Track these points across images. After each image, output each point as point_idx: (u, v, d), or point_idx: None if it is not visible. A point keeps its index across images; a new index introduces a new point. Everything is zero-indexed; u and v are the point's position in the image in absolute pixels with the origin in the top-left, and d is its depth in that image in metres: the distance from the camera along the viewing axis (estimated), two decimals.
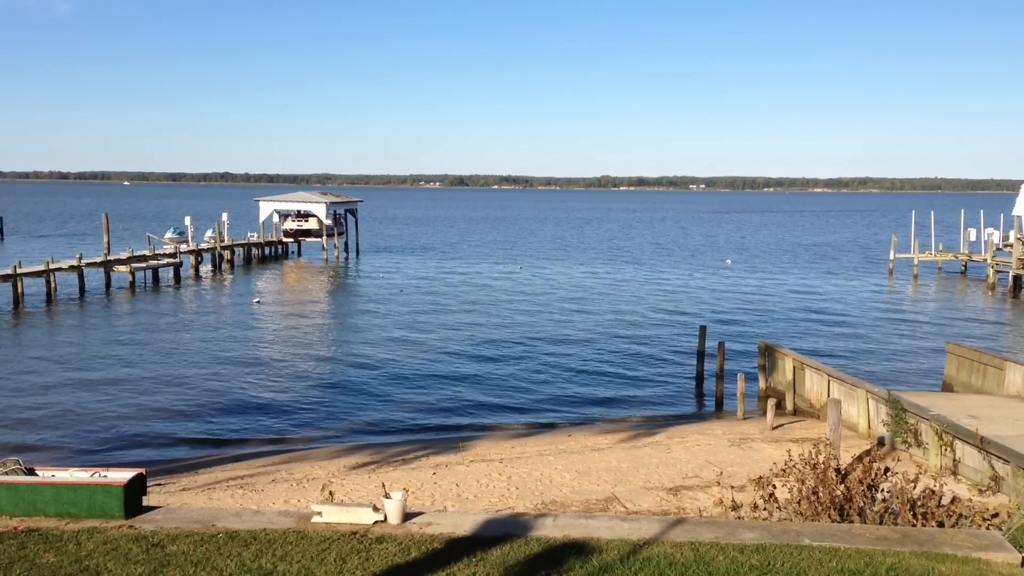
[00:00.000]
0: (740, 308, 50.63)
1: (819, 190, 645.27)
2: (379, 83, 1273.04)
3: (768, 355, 29.66)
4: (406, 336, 40.59)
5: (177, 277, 61.40)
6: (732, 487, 16.64)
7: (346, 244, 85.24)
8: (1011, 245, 61.54)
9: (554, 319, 45.98)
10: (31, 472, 9.31)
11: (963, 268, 69.78)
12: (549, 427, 26.43)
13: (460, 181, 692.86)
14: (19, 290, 47.69)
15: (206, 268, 68.63)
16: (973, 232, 71.91)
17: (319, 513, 9.05)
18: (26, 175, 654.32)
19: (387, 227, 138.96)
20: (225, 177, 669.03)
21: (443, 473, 20.41)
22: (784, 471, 12.61)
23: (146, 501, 9.43)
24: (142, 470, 9.48)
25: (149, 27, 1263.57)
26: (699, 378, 31.68)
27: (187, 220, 78.49)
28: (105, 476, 9.18)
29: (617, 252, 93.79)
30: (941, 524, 10.81)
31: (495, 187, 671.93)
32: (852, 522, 10.78)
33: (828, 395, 24.76)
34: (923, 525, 10.63)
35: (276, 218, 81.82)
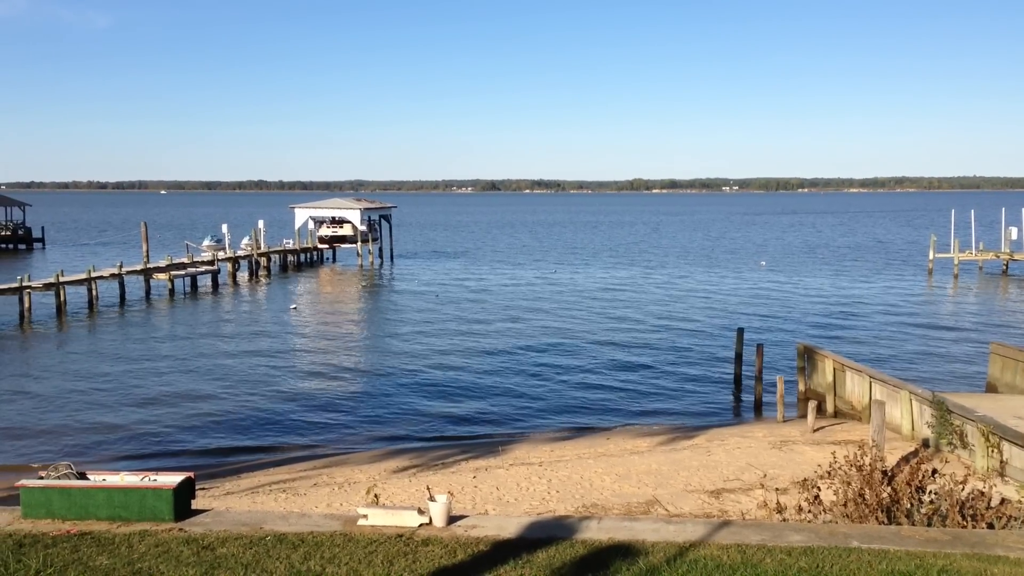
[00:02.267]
0: (777, 310, 50.22)
1: (855, 190, 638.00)
2: (411, 89, 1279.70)
3: (807, 357, 29.40)
4: (443, 340, 40.71)
5: (215, 284, 62.08)
6: (776, 490, 16.49)
7: (380, 250, 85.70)
8: None
9: (590, 322, 45.89)
10: (83, 476, 9.45)
11: (1004, 267, 68.70)
12: (587, 430, 26.36)
13: (492, 186, 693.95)
14: (62, 298, 48.47)
15: (243, 275, 69.33)
16: (1015, 231, 70.76)
17: (365, 516, 9.12)
18: (65, 185, 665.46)
19: (421, 232, 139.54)
20: (260, 185, 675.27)
21: (483, 476, 20.44)
22: (829, 473, 12.50)
23: (194, 505, 9.55)
24: (191, 474, 9.60)
25: (186, 39, 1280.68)
26: (737, 381, 31.45)
27: (224, 228, 79.36)
28: (155, 480, 9.32)
29: (651, 255, 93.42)
30: (991, 526, 10.67)
31: (527, 191, 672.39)
32: (900, 524, 10.67)
33: (870, 397, 24.48)
34: (973, 527, 10.50)
35: (311, 225, 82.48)
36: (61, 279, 49.07)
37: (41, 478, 9.33)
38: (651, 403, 29.68)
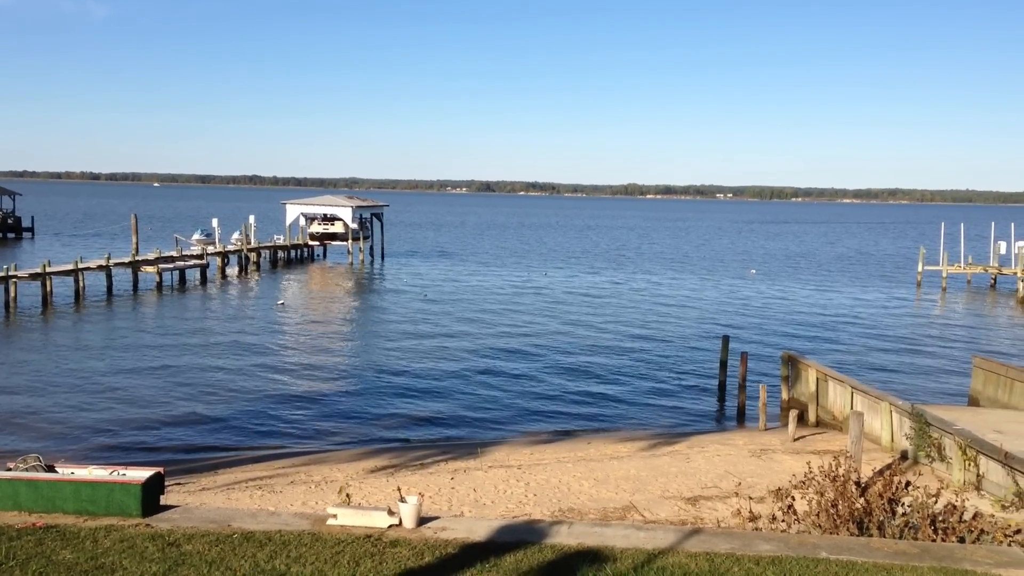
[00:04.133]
0: (764, 319, 50.32)
1: (848, 201, 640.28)
2: (407, 89, 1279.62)
3: (791, 366, 29.45)
4: (428, 341, 40.67)
5: (204, 278, 61.90)
6: (751, 498, 16.50)
7: (371, 248, 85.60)
8: None
9: (576, 326, 45.90)
10: (51, 469, 9.39)
11: (992, 281, 68.97)
12: (568, 434, 26.35)
13: (487, 187, 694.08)
14: (48, 289, 48.26)
15: (232, 270, 69.12)
16: (1003, 245, 71.07)
17: (334, 516, 9.08)
18: (58, 175, 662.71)
19: (412, 232, 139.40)
20: (253, 180, 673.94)
21: (461, 478, 20.41)
22: (804, 483, 12.52)
23: (164, 500, 9.49)
24: (160, 469, 9.54)
25: (182, 32, 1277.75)
26: (721, 388, 31.49)
27: (214, 222, 79.10)
28: (124, 475, 9.25)
29: (641, 261, 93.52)
30: (962, 540, 10.68)
31: (521, 193, 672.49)
32: (871, 536, 10.67)
33: (851, 407, 24.54)
34: (943, 540, 10.51)
35: (303, 221, 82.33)
36: (48, 269, 48.87)
37: (9, 470, 9.26)
38: (633, 408, 29.69)
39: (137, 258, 58.03)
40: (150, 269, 57.02)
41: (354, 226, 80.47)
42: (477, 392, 31.08)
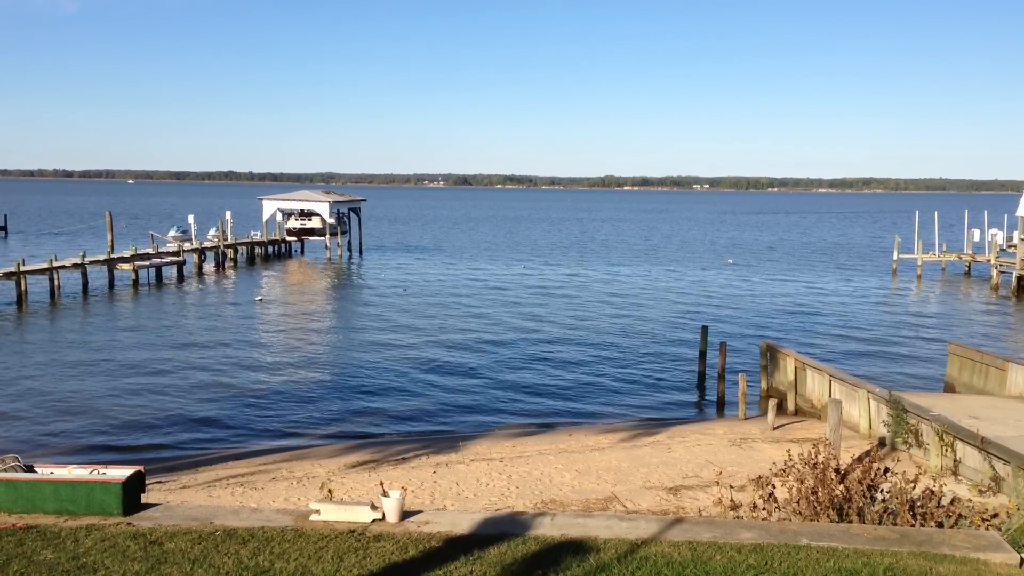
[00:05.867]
0: (742, 308, 50.59)
1: (823, 190, 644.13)
2: (384, 83, 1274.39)
3: (770, 355, 29.64)
4: (408, 335, 40.60)
5: (180, 275, 61.48)
6: (732, 487, 16.63)
7: (349, 243, 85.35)
8: (1015, 246, 61.44)
9: (555, 318, 45.97)
10: (30, 469, 9.33)
11: (967, 269, 69.65)
12: (550, 427, 26.42)
13: (464, 181, 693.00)
14: (23, 288, 47.77)
15: (209, 266, 68.71)
16: (977, 233, 71.80)
17: (317, 511, 9.07)
18: (31, 173, 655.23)
19: (390, 226, 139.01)
20: (229, 176, 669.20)
21: (443, 472, 20.42)
22: (784, 471, 12.62)
23: (145, 499, 9.45)
24: (140, 467, 9.49)
25: (155, 26, 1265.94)
26: (701, 378, 31.66)
27: (191, 218, 78.57)
28: (104, 473, 9.19)
29: (618, 251, 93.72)
30: (940, 525, 10.80)
31: (499, 187, 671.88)
32: (851, 522, 10.78)
33: (829, 395, 24.74)
34: (922, 525, 10.62)
35: (280, 217, 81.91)
36: (22, 268, 48.37)
37: None
38: (614, 400, 29.79)
39: (113, 256, 57.55)
40: (126, 267, 56.56)
41: (331, 221, 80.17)
42: (458, 386, 31.08)
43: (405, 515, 9.14)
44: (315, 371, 33.02)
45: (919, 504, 11.17)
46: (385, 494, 9.12)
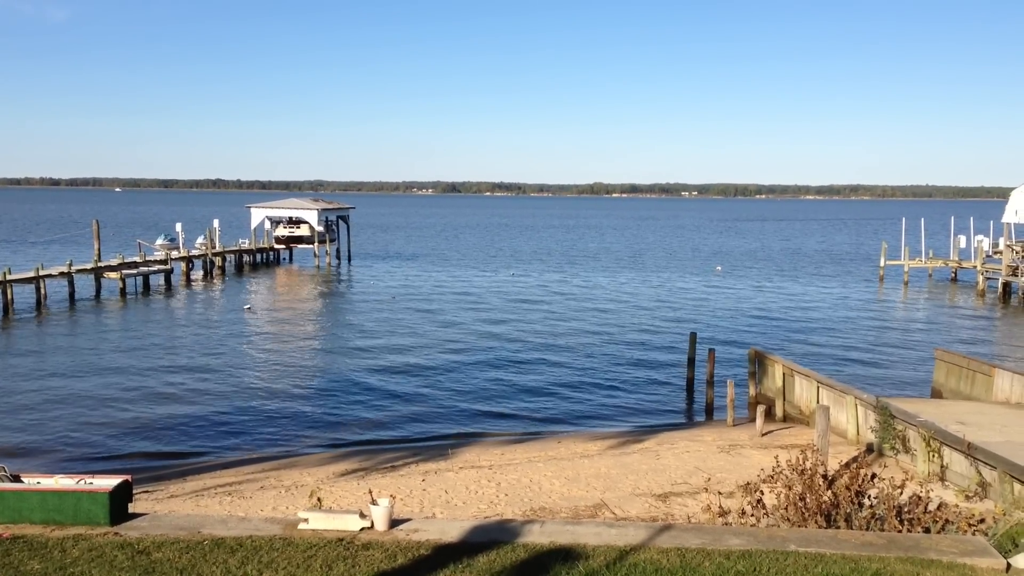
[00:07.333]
0: (731, 315, 50.72)
1: (811, 197, 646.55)
2: (372, 90, 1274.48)
3: (758, 362, 29.72)
4: (397, 343, 40.54)
5: (168, 284, 61.26)
6: (720, 493, 16.65)
7: (338, 251, 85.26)
8: (1000, 252, 61.84)
9: (544, 326, 45.99)
10: (16, 479, 9.27)
11: (953, 275, 70.00)
12: (539, 434, 26.39)
13: (453, 188, 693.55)
14: (8, 297, 47.52)
15: (197, 275, 68.48)
16: (963, 239, 72.13)
17: (306, 520, 9.05)
18: (17, 181, 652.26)
19: (379, 234, 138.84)
20: (217, 184, 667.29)
21: (432, 480, 20.39)
22: (772, 477, 12.64)
23: (132, 508, 9.41)
24: (127, 477, 9.45)
25: (143, 34, 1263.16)
26: (689, 385, 31.71)
27: (178, 227, 78.36)
28: (91, 483, 9.16)
29: (607, 259, 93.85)
30: (927, 530, 10.84)
31: (488, 194, 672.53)
32: (839, 528, 10.82)
33: (817, 401, 24.82)
34: (909, 531, 10.67)
35: (268, 225, 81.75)
36: (8, 277, 48.12)
37: None
38: (603, 407, 29.81)
39: (100, 264, 57.29)
40: (113, 275, 56.33)
41: (320, 229, 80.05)
42: (447, 393, 31.04)
43: (394, 523, 9.13)
44: (304, 379, 32.93)
45: (906, 510, 11.22)
46: (374, 502, 9.11)
